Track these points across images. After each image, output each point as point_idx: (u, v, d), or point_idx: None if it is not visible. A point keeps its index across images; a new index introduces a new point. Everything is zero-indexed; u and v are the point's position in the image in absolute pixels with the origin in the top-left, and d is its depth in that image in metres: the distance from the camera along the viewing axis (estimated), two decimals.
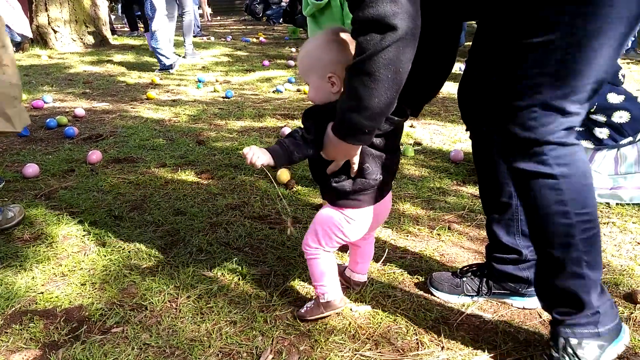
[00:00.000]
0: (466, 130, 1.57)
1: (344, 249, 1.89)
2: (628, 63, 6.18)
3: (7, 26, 7.26)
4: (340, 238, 1.46)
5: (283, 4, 12.48)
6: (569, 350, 1.26)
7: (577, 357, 1.25)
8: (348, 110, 1.20)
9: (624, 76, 2.37)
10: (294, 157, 1.33)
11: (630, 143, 2.29)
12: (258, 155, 1.28)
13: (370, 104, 1.16)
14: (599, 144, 2.29)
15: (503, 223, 1.54)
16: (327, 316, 1.53)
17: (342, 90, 1.24)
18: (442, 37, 1.38)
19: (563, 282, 1.25)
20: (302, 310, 1.55)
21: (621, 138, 2.28)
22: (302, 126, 1.36)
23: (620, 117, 2.30)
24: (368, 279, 1.74)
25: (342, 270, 1.72)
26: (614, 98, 2.31)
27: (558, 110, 1.15)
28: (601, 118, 2.31)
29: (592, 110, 2.33)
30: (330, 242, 1.47)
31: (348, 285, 1.70)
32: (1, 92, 1.90)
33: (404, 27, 1.06)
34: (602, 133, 2.29)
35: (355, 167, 1.37)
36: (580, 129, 2.34)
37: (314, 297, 1.57)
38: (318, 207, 2.33)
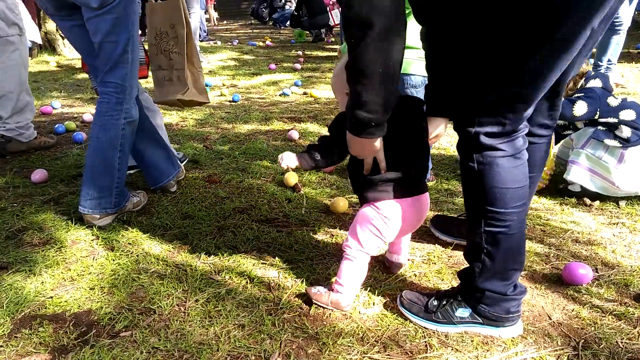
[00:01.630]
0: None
1: None
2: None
3: None
4: (378, 237, 1.53)
5: (287, 6, 12.51)
6: (450, 299, 1.51)
7: (447, 306, 1.50)
8: (352, 108, 1.29)
9: (615, 84, 2.41)
10: (318, 161, 1.52)
11: None
12: (286, 159, 1.54)
13: (367, 99, 1.24)
14: (626, 142, 2.27)
15: None
16: (329, 309, 1.60)
17: None
18: (449, 38, 1.41)
19: (467, 257, 1.47)
20: (313, 290, 1.64)
21: None
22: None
23: (627, 114, 2.29)
24: (376, 281, 1.74)
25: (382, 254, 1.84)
26: (613, 101, 2.32)
27: (496, 117, 1.29)
28: (612, 120, 2.29)
29: (596, 118, 2.32)
30: (368, 241, 1.54)
31: (388, 267, 1.80)
32: (198, 71, 2.45)
33: (380, 23, 1.13)
34: (624, 132, 2.27)
35: (383, 163, 1.46)
36: (603, 129, 2.32)
37: (328, 286, 1.64)
38: (325, 210, 2.33)
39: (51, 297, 1.69)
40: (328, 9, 8.59)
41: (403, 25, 1.19)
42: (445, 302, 1.51)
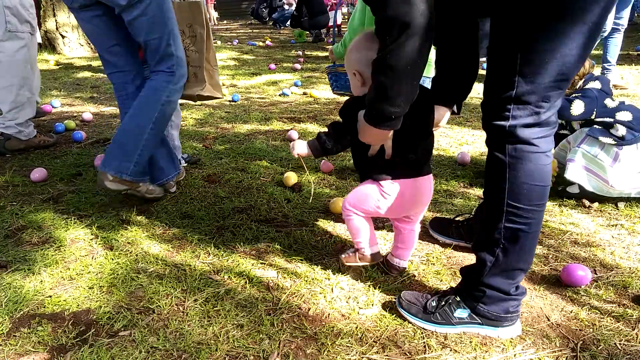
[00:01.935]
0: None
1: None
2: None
3: None
4: (374, 208, 1.62)
5: (286, 6, 12.51)
6: (448, 300, 1.52)
7: (446, 307, 1.51)
8: (375, 100, 1.35)
9: (614, 86, 2.42)
10: (328, 149, 1.59)
11: None
12: (297, 147, 1.62)
13: (393, 93, 1.31)
14: (621, 140, 2.28)
15: None
16: (362, 265, 1.77)
17: (368, 83, 1.38)
18: (461, 35, 1.55)
19: (479, 251, 1.46)
20: (343, 256, 1.76)
21: (637, 133, 2.27)
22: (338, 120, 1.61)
23: (624, 115, 2.30)
24: (375, 282, 1.74)
25: (384, 255, 1.87)
26: (610, 103, 2.34)
27: (527, 104, 1.29)
28: (608, 119, 2.31)
29: (592, 118, 2.34)
30: (364, 209, 1.64)
31: (387, 270, 1.82)
32: (213, 68, 2.59)
33: (417, 24, 1.20)
34: (619, 130, 2.28)
35: (389, 150, 1.54)
36: (599, 127, 2.33)
37: (354, 247, 1.75)
38: (324, 210, 2.33)
39: (50, 296, 1.69)
40: (328, 9, 8.59)
41: (432, 26, 1.24)
42: (444, 302, 1.52)
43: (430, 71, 2.33)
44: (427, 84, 2.26)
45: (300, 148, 1.62)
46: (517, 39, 1.25)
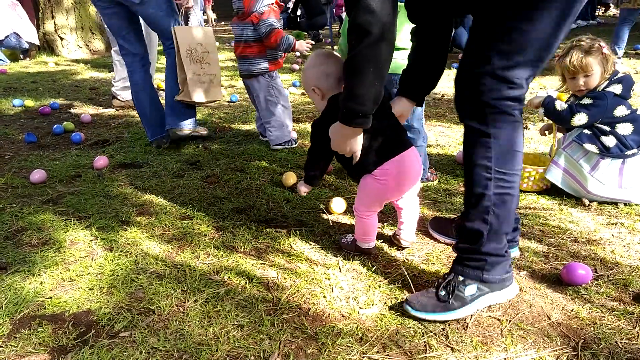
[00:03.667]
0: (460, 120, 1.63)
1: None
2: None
3: (15, 34, 7.39)
4: (379, 197, 1.81)
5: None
6: (453, 284, 1.56)
7: (456, 291, 1.55)
8: (345, 99, 1.52)
9: (633, 90, 2.35)
10: (317, 178, 1.97)
11: (634, 155, 2.27)
12: (301, 189, 1.99)
13: (358, 92, 1.48)
14: (606, 151, 2.27)
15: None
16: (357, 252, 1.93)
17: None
18: (435, 34, 1.70)
19: (471, 224, 1.54)
20: (342, 240, 1.97)
21: (625, 150, 2.27)
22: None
23: (624, 128, 2.28)
24: (375, 282, 1.74)
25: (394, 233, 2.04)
26: (620, 111, 2.28)
27: (503, 80, 1.40)
28: (605, 127, 2.30)
29: (597, 122, 2.32)
30: (373, 203, 1.83)
31: (398, 245, 1.97)
32: (215, 74, 3.22)
33: (377, 32, 1.38)
34: (608, 141, 2.27)
35: (358, 153, 1.71)
36: (588, 133, 2.32)
37: (353, 237, 1.93)
38: (324, 210, 2.33)
39: (50, 298, 1.69)
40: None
41: (393, 34, 1.43)
42: (451, 287, 1.56)
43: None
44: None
45: (304, 188, 1.99)
46: (495, 21, 1.40)
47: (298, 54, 8.00)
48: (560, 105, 2.34)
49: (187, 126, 3.26)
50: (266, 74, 3.17)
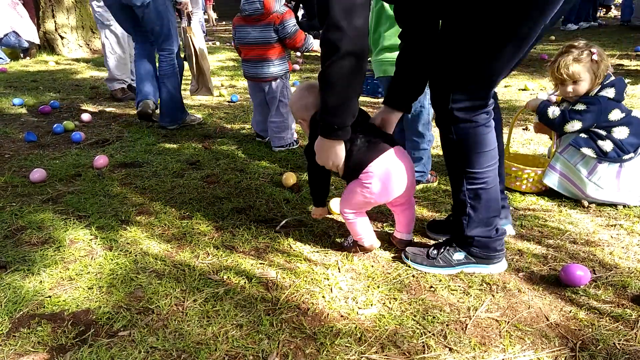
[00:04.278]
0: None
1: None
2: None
3: (15, 33, 7.40)
4: (364, 200, 1.80)
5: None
6: (444, 249, 1.80)
7: (445, 253, 1.79)
8: (321, 113, 1.59)
9: (626, 93, 2.34)
10: (321, 194, 2.00)
11: (631, 159, 2.27)
12: (316, 212, 2.06)
13: (330, 104, 1.55)
14: (603, 155, 2.28)
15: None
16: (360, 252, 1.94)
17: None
18: (421, 37, 1.72)
19: (456, 215, 1.79)
20: (345, 244, 1.98)
21: (623, 154, 2.27)
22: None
23: (620, 132, 2.27)
24: (374, 282, 1.74)
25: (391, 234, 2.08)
26: (615, 115, 2.28)
27: (464, 91, 1.57)
28: (602, 132, 2.30)
29: (593, 127, 2.31)
30: (356, 204, 1.83)
31: (397, 245, 1.99)
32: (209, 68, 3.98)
33: (344, 49, 1.43)
34: (606, 145, 2.28)
35: (340, 165, 1.75)
36: (585, 136, 2.32)
37: (353, 239, 1.94)
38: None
39: (49, 297, 1.69)
40: None
41: (363, 47, 1.48)
42: (443, 249, 1.80)
43: None
44: None
45: (317, 212, 2.05)
46: (464, 46, 1.52)
47: (299, 54, 8.00)
48: (553, 112, 2.35)
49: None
50: (285, 75, 3.16)
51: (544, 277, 1.78)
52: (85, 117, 4.10)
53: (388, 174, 1.74)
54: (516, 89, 4.93)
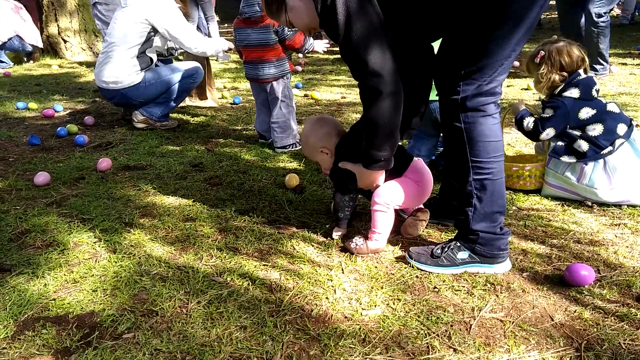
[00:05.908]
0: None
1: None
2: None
3: (19, 37, 7.44)
4: (396, 201, 1.94)
5: None
6: (448, 248, 1.81)
7: (449, 252, 1.80)
8: (367, 148, 1.75)
9: (597, 91, 2.34)
10: (347, 213, 2.08)
11: (610, 153, 2.26)
12: (335, 234, 2.08)
13: (377, 141, 1.71)
14: (583, 157, 2.28)
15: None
16: (370, 254, 1.94)
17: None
18: (416, 67, 1.85)
19: (460, 207, 1.79)
20: (352, 245, 1.94)
21: (600, 150, 2.26)
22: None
23: (594, 129, 2.27)
24: (378, 283, 1.74)
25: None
26: (585, 113, 2.28)
27: (473, 80, 1.63)
28: (576, 132, 2.30)
29: (567, 129, 2.32)
30: (394, 199, 1.94)
31: (409, 234, 2.08)
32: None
33: (386, 91, 1.59)
34: (582, 146, 2.28)
35: (379, 186, 1.94)
36: (561, 144, 2.34)
37: (364, 238, 1.96)
38: (327, 212, 2.33)
39: (54, 299, 1.70)
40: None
41: (399, 83, 1.62)
42: (447, 248, 1.81)
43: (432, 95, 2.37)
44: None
45: (338, 232, 2.08)
46: (466, 34, 1.60)
47: (301, 55, 8.01)
48: (527, 125, 2.38)
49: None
50: (285, 75, 3.18)
51: (548, 277, 1.78)
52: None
53: (422, 181, 1.98)
54: (519, 88, 4.92)
